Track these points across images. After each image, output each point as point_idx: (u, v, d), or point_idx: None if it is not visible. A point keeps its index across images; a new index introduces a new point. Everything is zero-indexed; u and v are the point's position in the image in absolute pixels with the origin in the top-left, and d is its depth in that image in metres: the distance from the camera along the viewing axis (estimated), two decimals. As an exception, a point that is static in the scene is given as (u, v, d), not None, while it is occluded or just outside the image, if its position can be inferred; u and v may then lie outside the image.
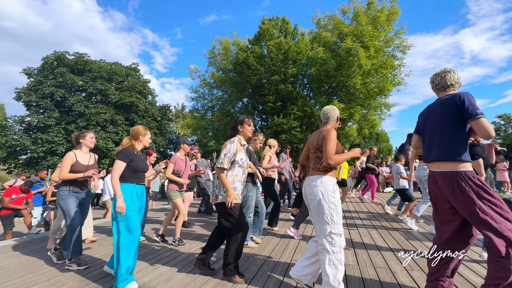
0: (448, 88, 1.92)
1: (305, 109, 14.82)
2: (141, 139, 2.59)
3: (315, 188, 2.03)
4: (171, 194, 3.63)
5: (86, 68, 19.54)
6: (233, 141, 2.52)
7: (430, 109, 1.99)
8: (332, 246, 1.92)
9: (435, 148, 1.87)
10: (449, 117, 1.80)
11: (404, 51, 14.31)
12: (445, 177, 1.77)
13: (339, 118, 2.32)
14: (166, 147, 24.13)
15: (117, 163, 2.39)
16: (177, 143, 3.98)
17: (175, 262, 2.97)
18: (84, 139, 3.07)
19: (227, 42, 17.98)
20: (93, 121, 17.81)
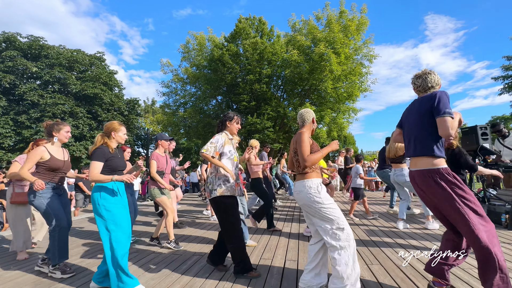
0: (429, 90, 1.95)
1: (279, 109, 15.09)
2: (114, 136, 2.39)
3: (301, 194, 2.06)
4: (154, 192, 3.42)
5: (42, 54, 17.60)
6: (222, 133, 2.59)
7: (411, 107, 2.04)
8: (338, 241, 1.91)
9: (411, 144, 1.97)
10: (424, 114, 1.85)
11: (371, 60, 15.31)
12: (421, 176, 1.86)
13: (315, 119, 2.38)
14: (134, 143, 22.81)
15: (93, 164, 2.21)
16: (154, 140, 3.77)
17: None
18: (59, 132, 2.75)
19: (202, 37, 17.53)
20: (49, 112, 16.14)
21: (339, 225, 1.93)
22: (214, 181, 2.48)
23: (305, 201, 2.04)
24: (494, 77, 15.94)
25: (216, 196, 2.44)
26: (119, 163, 2.37)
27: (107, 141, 2.35)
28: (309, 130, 2.28)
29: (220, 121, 2.71)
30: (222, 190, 2.44)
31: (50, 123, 2.80)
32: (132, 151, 21.99)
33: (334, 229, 1.93)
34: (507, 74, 15.37)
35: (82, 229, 4.91)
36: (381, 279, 2.36)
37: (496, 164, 4.38)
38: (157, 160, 3.47)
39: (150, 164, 3.43)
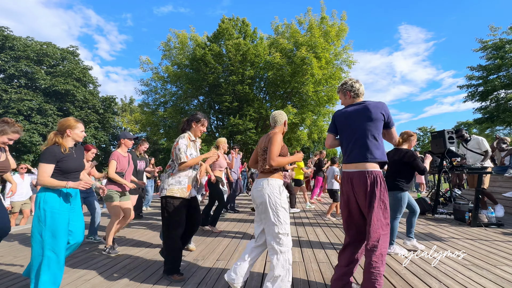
0: (360, 96, 2.14)
1: (261, 111, 15.17)
2: (69, 133, 2.17)
3: (262, 191, 2.08)
4: (107, 195, 3.18)
5: (6, 45, 16.24)
6: (184, 136, 2.57)
7: (351, 113, 2.08)
8: (280, 246, 1.98)
9: (356, 149, 2.01)
10: (374, 121, 1.97)
11: (350, 65, 15.92)
12: (361, 177, 1.95)
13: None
14: (109, 143, 21.75)
15: (41, 166, 1.99)
16: (117, 138, 3.54)
17: (116, 270, 2.67)
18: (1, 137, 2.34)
19: (184, 36, 17.18)
20: (14, 108, 14.91)
21: (285, 231, 2.01)
22: (167, 180, 2.50)
23: (263, 199, 2.06)
24: (460, 85, 17.27)
25: (166, 195, 2.45)
26: (72, 165, 2.15)
27: (59, 140, 2.13)
28: (281, 132, 2.31)
29: (186, 120, 2.69)
30: (172, 190, 2.45)
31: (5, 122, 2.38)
32: (108, 151, 20.94)
33: (280, 233, 1.99)
34: (470, 83, 16.70)
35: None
36: (358, 278, 2.44)
37: (461, 166, 4.72)
38: (117, 160, 3.26)
39: (110, 164, 3.21)
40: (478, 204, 4.34)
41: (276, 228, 1.99)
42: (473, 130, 23.62)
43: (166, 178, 2.52)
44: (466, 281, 2.30)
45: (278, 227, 1.99)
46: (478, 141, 4.98)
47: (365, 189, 1.92)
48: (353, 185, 2.00)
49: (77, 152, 2.26)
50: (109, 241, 3.26)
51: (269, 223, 2.02)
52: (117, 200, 3.28)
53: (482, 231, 4.07)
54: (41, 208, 2.02)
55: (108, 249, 3.22)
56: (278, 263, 1.96)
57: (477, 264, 2.67)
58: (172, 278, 2.39)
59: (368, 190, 1.91)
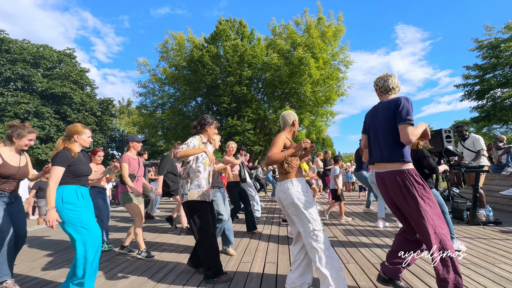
0: (390, 91, 2.03)
1: (259, 112, 15.17)
2: (77, 139, 2.25)
3: (288, 192, 2.06)
4: (124, 198, 3.21)
5: (2, 48, 16.15)
6: (195, 137, 2.58)
7: (374, 111, 2.07)
8: (319, 243, 1.94)
9: (378, 150, 2.01)
10: (389, 120, 1.90)
11: (347, 66, 15.98)
12: (391, 177, 1.91)
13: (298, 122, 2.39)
14: (107, 145, 21.65)
15: (54, 169, 2.06)
16: (125, 142, 3.55)
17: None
18: (21, 140, 2.43)
19: (181, 37, 17.17)
20: (10, 111, 14.82)
21: (320, 227, 1.98)
22: (186, 185, 2.49)
23: (291, 200, 2.03)
24: (456, 84, 17.39)
25: (188, 200, 2.45)
26: (83, 169, 2.24)
27: (69, 145, 2.22)
28: (289, 132, 2.30)
29: (198, 124, 2.68)
30: (193, 195, 2.44)
31: (14, 126, 2.46)
32: (106, 154, 20.85)
33: (316, 229, 1.96)
34: (467, 82, 16.81)
35: (47, 238, 4.53)
36: (357, 277, 2.44)
37: (458, 165, 4.74)
38: (128, 163, 3.28)
39: (122, 167, 3.21)
40: (476, 202, 4.36)
41: (311, 225, 1.97)
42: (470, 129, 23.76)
43: (185, 184, 2.50)
44: (465, 279, 2.30)
45: (312, 225, 1.97)
46: (474, 140, 5.01)
47: (399, 189, 1.87)
48: (386, 185, 1.99)
49: (84, 157, 2.34)
50: (142, 245, 3.22)
51: (303, 222, 2.00)
52: (134, 200, 3.27)
53: (480, 229, 4.09)
54: (66, 209, 2.07)
55: (143, 254, 3.17)
56: (322, 261, 1.90)
57: (475, 263, 2.68)
58: (220, 280, 2.38)
59: (402, 190, 1.85)
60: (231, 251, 3.25)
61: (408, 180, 1.85)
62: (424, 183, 1.88)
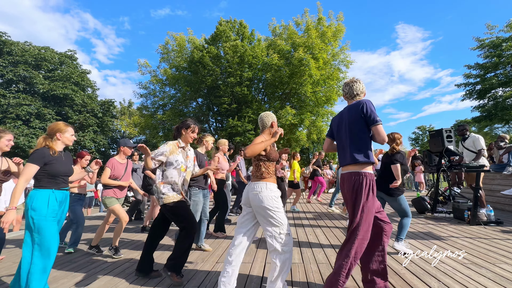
0: (355, 97, 2.11)
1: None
2: (59, 137, 2.18)
3: (259, 195, 2.08)
4: (107, 201, 3.24)
5: (4, 50, 16.26)
6: (168, 143, 2.58)
7: (340, 116, 2.16)
8: (283, 246, 2.00)
9: (344, 152, 2.08)
10: (354, 122, 1.98)
11: (347, 66, 15.98)
12: (348, 177, 2.00)
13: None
14: (108, 146, 21.72)
15: (27, 166, 1.98)
16: (117, 144, 3.58)
17: (115, 274, 2.66)
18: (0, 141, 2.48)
19: (182, 39, 17.23)
20: (12, 113, 14.90)
21: (286, 230, 2.05)
22: (160, 189, 2.50)
23: (261, 203, 2.05)
24: (457, 84, 17.33)
25: (164, 203, 2.48)
26: (61, 168, 2.13)
27: (50, 143, 2.13)
28: (268, 134, 2.31)
29: (176, 128, 2.69)
30: (169, 198, 2.48)
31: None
32: (107, 155, 20.92)
33: (282, 233, 2.03)
34: (468, 82, 16.76)
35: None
36: (357, 277, 2.44)
37: (459, 164, 4.73)
38: (112, 167, 3.28)
39: (104, 170, 3.24)
40: (477, 202, 4.35)
41: (278, 229, 2.02)
42: (471, 128, 23.68)
43: (158, 187, 2.51)
44: (465, 279, 2.30)
45: (279, 228, 2.02)
46: (474, 139, 4.99)
47: (350, 190, 1.97)
48: (344, 186, 2.07)
49: (65, 156, 2.25)
50: (116, 242, 3.27)
51: (270, 225, 2.04)
52: (117, 202, 3.30)
53: (481, 229, 4.07)
54: (29, 216, 2.00)
55: (113, 250, 3.22)
56: (282, 263, 1.97)
57: (476, 263, 2.68)
58: (171, 277, 2.36)
59: (352, 191, 1.95)
60: (207, 247, 3.39)
61: (361, 180, 1.92)
62: (372, 191, 1.93)
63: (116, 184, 3.27)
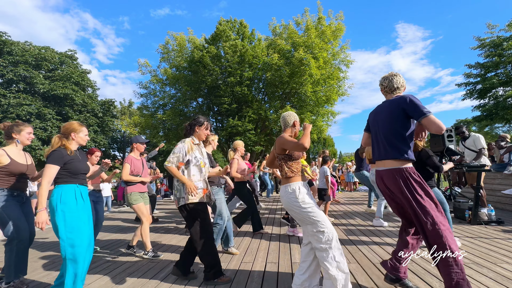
0: (395, 91, 2.04)
1: (260, 112, 15.17)
2: (74, 137, 2.21)
3: (285, 197, 2.11)
4: (132, 199, 3.21)
5: (4, 50, 16.26)
6: (185, 140, 2.52)
7: (379, 110, 2.10)
8: (321, 243, 1.94)
9: (379, 148, 2.04)
10: (395, 118, 1.90)
11: (347, 65, 15.95)
12: (390, 174, 1.93)
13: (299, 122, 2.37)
14: (109, 146, 21.71)
15: (48, 167, 2.01)
16: (129, 142, 3.60)
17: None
18: (20, 134, 2.50)
19: (182, 38, 17.20)
20: (12, 113, 14.92)
21: (320, 228, 1.96)
22: (182, 189, 2.44)
23: (287, 205, 2.09)
24: (458, 83, 17.28)
25: (184, 203, 2.42)
26: (80, 166, 2.19)
27: (66, 142, 2.17)
28: (290, 133, 2.31)
29: (189, 125, 2.65)
30: (190, 198, 2.41)
31: (9, 125, 2.54)
32: (108, 155, 20.92)
33: (315, 231, 1.97)
34: (468, 81, 16.71)
35: (45, 240, 4.56)
36: (358, 277, 2.44)
37: (460, 164, 4.72)
38: (131, 163, 3.30)
39: (123, 167, 3.25)
40: (478, 202, 4.34)
41: (310, 227, 2.00)
42: (472, 128, 23.64)
43: (182, 187, 2.45)
44: (467, 279, 2.29)
45: (310, 226, 2.00)
46: (474, 139, 4.98)
47: (397, 187, 1.89)
48: (385, 183, 2.01)
49: (81, 155, 2.31)
50: (148, 245, 3.24)
51: (304, 224, 2.06)
52: (142, 201, 3.29)
53: (482, 229, 4.07)
54: (60, 210, 2.00)
55: (150, 254, 3.20)
56: (325, 261, 1.90)
57: (477, 262, 2.67)
58: (220, 281, 2.37)
59: (401, 188, 1.86)
60: (234, 250, 3.27)
61: (406, 178, 1.87)
62: (423, 181, 1.88)
63: (139, 180, 3.28)
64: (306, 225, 2.03)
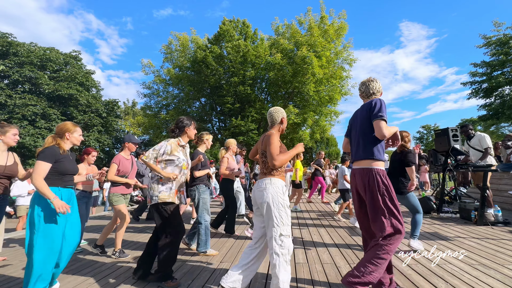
0: (371, 96, 2.12)
1: (263, 112, 15.16)
2: (68, 137, 2.22)
3: (264, 191, 2.03)
4: (114, 199, 3.23)
5: (10, 51, 16.46)
6: (169, 140, 2.54)
7: (354, 115, 2.22)
8: (282, 248, 1.93)
9: (355, 149, 2.13)
10: (365, 120, 2.02)
11: (350, 64, 15.86)
12: (361, 173, 2.02)
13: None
14: (112, 146, 21.87)
15: (39, 164, 1.99)
16: (122, 140, 3.59)
17: (116, 275, 2.67)
18: (5, 135, 2.50)
19: (185, 38, 17.26)
20: (18, 114, 15.09)
21: (287, 232, 1.96)
22: (157, 187, 2.44)
23: (266, 199, 2.00)
24: (463, 82, 17.07)
25: (158, 202, 2.40)
26: (69, 167, 2.17)
27: (59, 141, 2.17)
28: (278, 131, 2.24)
29: (176, 127, 2.63)
30: (164, 197, 2.41)
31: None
32: (111, 155, 21.07)
33: (282, 234, 1.94)
34: (474, 80, 16.51)
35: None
36: (363, 278, 2.41)
37: (465, 164, 4.66)
38: (119, 163, 3.26)
39: (111, 166, 3.22)
40: (484, 202, 4.28)
41: (279, 229, 1.94)
42: (477, 127, 23.35)
43: (156, 185, 2.45)
44: (473, 281, 2.26)
45: (280, 228, 1.94)
46: (480, 138, 4.91)
47: (364, 184, 1.98)
48: (356, 181, 2.09)
49: (72, 155, 2.30)
50: (118, 245, 3.24)
51: (271, 224, 1.98)
52: (123, 202, 3.30)
53: (489, 230, 4.01)
54: (35, 213, 1.98)
55: (118, 253, 3.21)
56: (280, 266, 1.90)
57: (484, 264, 2.63)
58: (166, 285, 2.30)
59: (367, 187, 1.96)
60: (213, 251, 3.21)
61: (374, 178, 1.94)
62: (389, 184, 1.94)
63: (124, 182, 3.27)
64: (273, 226, 1.95)
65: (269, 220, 1.99)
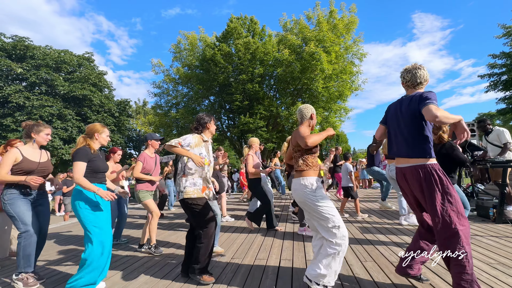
0: (418, 86, 1.91)
1: (271, 109, 15.10)
2: (97, 137, 2.40)
3: (297, 191, 2.10)
4: (141, 196, 3.31)
5: (27, 54, 17.10)
6: (195, 135, 2.59)
7: (399, 104, 1.99)
8: (335, 238, 1.94)
9: (400, 144, 1.95)
10: (414, 114, 1.82)
11: (361, 59, 15.51)
12: (413, 171, 1.84)
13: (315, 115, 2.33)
14: (125, 144, 22.43)
15: (77, 164, 2.19)
16: (144, 140, 3.69)
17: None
18: (38, 135, 2.60)
19: (193, 37, 17.37)
20: (36, 114, 15.70)
21: (335, 223, 1.96)
22: (181, 183, 2.48)
23: (301, 199, 2.07)
24: (480, 74, 16.37)
25: (184, 198, 2.45)
26: (101, 165, 2.36)
27: (90, 142, 2.34)
28: (308, 126, 2.28)
29: (198, 124, 2.66)
30: (189, 193, 2.44)
31: (30, 124, 2.64)
32: (124, 153, 21.62)
33: (330, 227, 1.96)
34: (492, 72, 15.78)
35: (69, 233, 4.79)
36: (375, 275, 2.38)
37: (483, 159, 4.49)
38: (144, 161, 3.36)
39: (136, 164, 3.33)
40: (504, 199, 4.11)
41: (325, 222, 1.98)
42: (496, 122, 22.38)
43: (180, 181, 2.50)
44: (492, 280, 2.19)
45: (325, 222, 1.98)
46: (498, 133, 4.69)
47: (419, 183, 1.83)
48: (407, 180, 1.94)
49: (102, 155, 2.47)
50: (153, 240, 3.32)
51: (317, 220, 2.04)
52: (150, 197, 3.39)
53: (508, 228, 3.86)
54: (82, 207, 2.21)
55: (153, 248, 3.29)
56: (332, 256, 1.92)
57: (503, 263, 2.54)
58: (202, 280, 2.34)
59: (423, 185, 1.81)
60: (219, 249, 3.21)
61: (430, 175, 1.80)
62: (447, 179, 1.81)
63: (148, 179, 3.36)
64: (319, 220, 2.00)
65: (314, 216, 2.06)
